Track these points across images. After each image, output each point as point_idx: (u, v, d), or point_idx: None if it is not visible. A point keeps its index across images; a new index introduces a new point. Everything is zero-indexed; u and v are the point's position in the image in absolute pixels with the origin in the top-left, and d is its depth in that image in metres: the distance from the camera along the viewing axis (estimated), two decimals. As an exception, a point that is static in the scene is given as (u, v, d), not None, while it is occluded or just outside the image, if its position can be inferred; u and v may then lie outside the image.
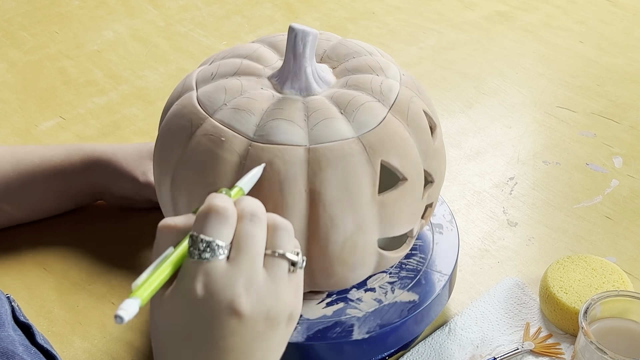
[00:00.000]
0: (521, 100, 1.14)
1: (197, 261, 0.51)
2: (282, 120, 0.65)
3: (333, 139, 0.65)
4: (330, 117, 0.66)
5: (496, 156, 1.04)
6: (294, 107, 0.67)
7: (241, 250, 0.52)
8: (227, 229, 0.52)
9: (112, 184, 0.89)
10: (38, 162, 0.87)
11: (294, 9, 1.37)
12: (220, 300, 0.51)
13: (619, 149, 1.04)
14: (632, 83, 1.17)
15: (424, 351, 0.78)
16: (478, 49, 1.26)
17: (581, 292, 0.79)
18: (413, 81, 0.73)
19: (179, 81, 0.74)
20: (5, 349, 0.58)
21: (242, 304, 0.51)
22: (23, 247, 0.89)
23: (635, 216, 0.94)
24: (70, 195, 0.90)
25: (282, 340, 0.55)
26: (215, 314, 0.51)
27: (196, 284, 0.51)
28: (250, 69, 0.71)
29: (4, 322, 0.61)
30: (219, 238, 0.51)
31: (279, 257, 0.53)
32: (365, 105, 0.67)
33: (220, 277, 0.51)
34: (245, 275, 0.51)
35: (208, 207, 0.52)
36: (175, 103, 0.70)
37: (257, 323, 0.52)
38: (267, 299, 0.52)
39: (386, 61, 0.73)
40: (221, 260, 0.51)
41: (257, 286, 0.52)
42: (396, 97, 0.69)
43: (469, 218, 0.94)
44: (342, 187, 0.64)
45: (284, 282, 0.53)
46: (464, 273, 0.87)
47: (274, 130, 0.65)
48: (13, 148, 0.89)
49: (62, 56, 1.24)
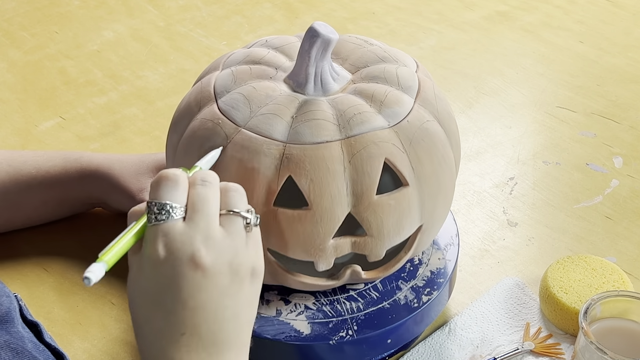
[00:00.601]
0: (521, 100, 1.14)
1: (154, 225, 0.54)
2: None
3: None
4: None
5: (496, 156, 1.04)
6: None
7: (196, 210, 0.54)
8: (180, 192, 0.55)
9: (108, 197, 0.89)
10: (34, 173, 0.86)
11: (294, 9, 1.37)
12: (181, 257, 0.53)
13: (619, 149, 1.04)
14: (632, 83, 1.17)
15: (424, 351, 0.78)
16: (478, 49, 1.26)
17: (581, 292, 0.79)
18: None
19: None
20: (15, 345, 0.59)
21: (202, 257, 0.53)
22: (23, 247, 0.89)
23: (635, 216, 0.94)
24: (67, 205, 0.90)
25: (251, 298, 0.56)
26: (178, 270, 0.53)
27: (157, 245, 0.53)
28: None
29: (13, 319, 0.62)
30: (172, 200, 0.54)
31: (233, 214, 0.56)
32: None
33: (179, 234, 0.53)
34: (202, 232, 0.54)
35: (159, 175, 0.55)
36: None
37: (220, 276, 0.54)
38: (226, 252, 0.54)
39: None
40: (177, 221, 0.54)
41: (215, 241, 0.54)
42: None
43: (469, 218, 0.94)
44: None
45: (242, 238, 0.56)
46: (464, 273, 0.87)
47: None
48: (10, 155, 0.88)
49: (62, 56, 1.24)
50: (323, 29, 0.67)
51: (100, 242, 0.89)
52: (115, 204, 0.89)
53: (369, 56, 0.73)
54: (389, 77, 0.70)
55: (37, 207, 0.88)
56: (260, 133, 0.66)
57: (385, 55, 0.73)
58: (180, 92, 1.15)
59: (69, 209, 0.91)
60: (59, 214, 0.91)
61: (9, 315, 0.61)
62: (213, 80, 0.71)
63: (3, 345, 0.58)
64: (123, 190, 0.87)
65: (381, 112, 0.67)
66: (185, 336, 0.53)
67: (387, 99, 0.68)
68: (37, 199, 0.87)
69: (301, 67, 0.69)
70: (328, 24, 0.68)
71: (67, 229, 0.91)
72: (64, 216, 0.92)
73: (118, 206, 0.89)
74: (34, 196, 0.87)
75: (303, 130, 0.65)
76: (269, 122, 0.66)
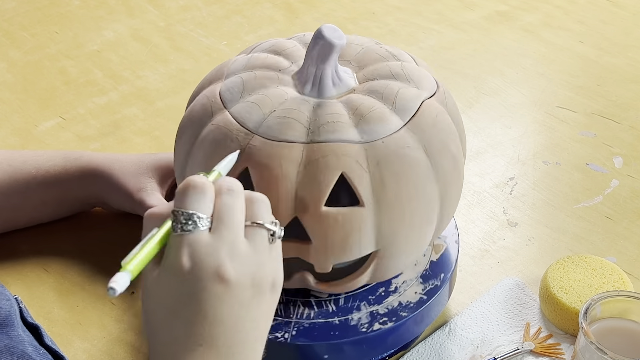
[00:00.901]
0: (521, 100, 1.14)
1: (180, 234, 0.53)
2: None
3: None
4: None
5: (496, 156, 1.04)
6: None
7: (222, 221, 0.54)
8: (206, 202, 0.54)
9: (108, 197, 0.89)
10: (34, 173, 0.86)
11: (294, 9, 1.37)
12: (205, 268, 0.52)
13: (619, 149, 1.04)
14: (632, 83, 1.17)
15: (424, 351, 0.78)
16: (478, 49, 1.26)
17: (581, 292, 0.79)
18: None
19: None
20: (16, 349, 0.59)
21: (227, 270, 0.52)
22: (23, 247, 0.89)
23: (635, 216, 0.94)
24: (67, 205, 0.90)
25: (268, 310, 0.56)
26: (202, 282, 0.52)
27: (182, 255, 0.52)
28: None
29: (14, 322, 0.62)
30: (199, 210, 0.53)
31: (258, 226, 0.55)
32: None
33: (204, 246, 0.53)
34: (227, 244, 0.53)
35: (186, 183, 0.54)
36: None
37: (243, 290, 0.53)
38: (250, 265, 0.54)
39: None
40: (203, 232, 0.53)
41: (239, 254, 0.53)
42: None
43: (469, 218, 0.94)
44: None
45: (265, 251, 0.55)
46: (464, 273, 0.87)
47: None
48: (10, 155, 0.88)
49: (62, 56, 1.24)
50: (329, 32, 0.66)
51: (100, 243, 0.90)
52: (115, 203, 0.89)
53: (383, 70, 0.71)
54: (387, 94, 0.68)
55: (37, 206, 0.88)
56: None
57: (400, 73, 0.70)
58: (180, 92, 1.15)
59: (69, 209, 0.91)
60: (59, 214, 0.91)
61: (9, 319, 0.61)
62: (218, 89, 0.71)
63: (3, 350, 0.57)
64: (122, 190, 0.87)
65: (358, 126, 0.65)
66: (202, 347, 0.53)
67: (370, 114, 0.66)
68: (37, 198, 0.87)
69: (303, 67, 0.69)
70: (327, 24, 0.68)
71: (67, 229, 0.91)
72: (63, 216, 0.92)
73: (118, 205, 0.89)
74: (34, 195, 0.87)
75: (273, 125, 0.65)
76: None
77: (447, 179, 0.68)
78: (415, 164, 0.65)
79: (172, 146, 0.73)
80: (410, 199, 0.65)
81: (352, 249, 0.66)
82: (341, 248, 0.65)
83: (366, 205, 0.64)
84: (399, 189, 0.65)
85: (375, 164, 0.64)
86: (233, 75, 0.71)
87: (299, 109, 0.66)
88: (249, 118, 0.66)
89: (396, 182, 0.64)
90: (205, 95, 0.71)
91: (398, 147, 0.65)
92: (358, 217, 0.64)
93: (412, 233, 0.67)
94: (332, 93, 0.69)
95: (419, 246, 0.70)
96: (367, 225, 0.65)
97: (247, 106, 0.67)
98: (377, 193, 0.64)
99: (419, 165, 0.65)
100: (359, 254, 0.67)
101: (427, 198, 0.67)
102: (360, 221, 0.64)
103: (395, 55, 0.73)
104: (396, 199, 0.65)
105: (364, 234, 0.65)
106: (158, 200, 0.86)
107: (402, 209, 0.65)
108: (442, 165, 0.67)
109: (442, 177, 0.67)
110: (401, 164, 0.65)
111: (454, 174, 0.69)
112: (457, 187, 0.71)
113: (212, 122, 0.68)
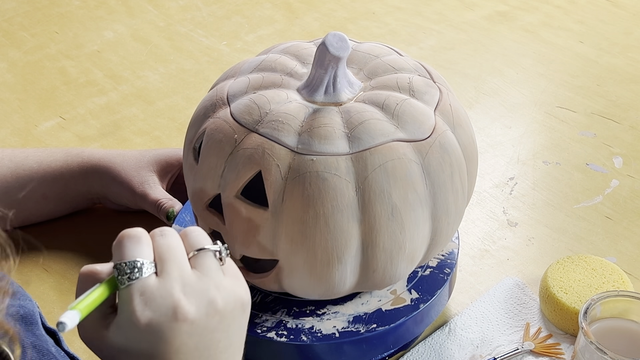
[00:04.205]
0: (521, 100, 1.14)
1: (128, 285, 0.52)
2: (323, 128, 0.66)
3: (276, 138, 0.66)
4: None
5: (496, 156, 1.04)
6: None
7: (165, 261, 0.53)
8: (144, 247, 0.54)
9: (109, 191, 0.89)
10: (36, 168, 0.87)
11: (294, 9, 1.37)
12: (164, 313, 0.52)
13: (619, 149, 1.04)
14: (632, 83, 1.17)
15: (424, 351, 0.78)
16: (478, 49, 1.26)
17: (581, 292, 0.79)
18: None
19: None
20: (41, 347, 0.59)
21: (184, 308, 0.52)
22: (23, 247, 0.89)
23: (635, 216, 0.94)
24: (68, 200, 0.90)
25: (242, 325, 0.56)
26: (164, 327, 0.52)
27: (135, 305, 0.52)
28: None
29: (37, 321, 0.62)
30: (140, 256, 0.53)
31: (202, 252, 0.55)
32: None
33: (156, 289, 0.52)
34: (177, 281, 0.53)
35: (120, 236, 0.54)
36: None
37: (208, 319, 0.53)
38: (207, 292, 0.53)
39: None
40: (151, 277, 0.53)
41: (192, 286, 0.53)
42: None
43: (469, 218, 0.94)
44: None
45: (218, 272, 0.55)
46: (464, 273, 0.87)
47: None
48: (11, 152, 0.89)
49: (62, 56, 1.24)
50: (333, 41, 0.66)
51: (100, 242, 0.90)
52: (117, 197, 0.89)
53: (389, 82, 0.70)
54: (388, 105, 0.68)
55: (38, 201, 0.88)
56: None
57: (406, 86, 0.69)
58: (180, 92, 1.15)
59: (70, 204, 0.91)
60: (60, 210, 0.91)
61: (33, 318, 0.61)
62: (227, 87, 0.72)
63: (29, 346, 0.58)
64: (125, 183, 0.87)
65: (306, 135, 0.65)
66: None
67: (319, 129, 0.65)
68: (38, 193, 0.87)
69: (310, 72, 0.70)
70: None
71: (68, 228, 0.91)
72: (64, 212, 0.92)
73: (119, 200, 0.90)
74: (35, 190, 0.87)
75: (238, 109, 0.68)
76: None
77: (375, 225, 0.64)
78: (337, 193, 0.63)
79: (172, 146, 0.74)
80: (317, 225, 0.63)
81: (251, 247, 0.67)
82: (243, 242, 0.67)
83: (270, 210, 0.64)
84: (303, 208, 0.63)
85: (293, 176, 0.64)
86: (243, 75, 0.72)
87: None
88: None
89: (304, 203, 0.63)
90: (215, 89, 0.73)
91: (324, 169, 0.63)
92: (259, 217, 0.65)
93: (315, 259, 0.65)
94: (323, 100, 0.69)
95: (327, 273, 0.66)
96: (267, 229, 0.65)
97: (247, 104, 0.68)
98: (284, 203, 0.64)
99: (341, 194, 0.63)
100: (259, 254, 0.67)
101: (341, 232, 0.64)
102: (260, 222, 0.65)
103: (398, 70, 0.72)
104: (298, 218, 0.63)
105: (263, 237, 0.65)
106: (160, 192, 0.87)
107: (303, 232, 0.64)
108: (374, 208, 0.64)
109: (370, 219, 0.64)
110: (320, 188, 0.63)
111: (392, 220, 0.65)
112: (394, 238, 0.66)
113: (214, 116, 0.69)
